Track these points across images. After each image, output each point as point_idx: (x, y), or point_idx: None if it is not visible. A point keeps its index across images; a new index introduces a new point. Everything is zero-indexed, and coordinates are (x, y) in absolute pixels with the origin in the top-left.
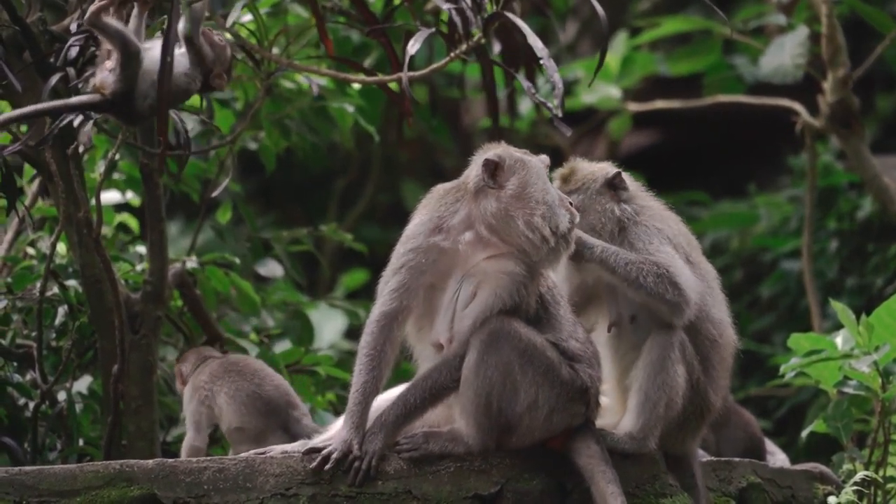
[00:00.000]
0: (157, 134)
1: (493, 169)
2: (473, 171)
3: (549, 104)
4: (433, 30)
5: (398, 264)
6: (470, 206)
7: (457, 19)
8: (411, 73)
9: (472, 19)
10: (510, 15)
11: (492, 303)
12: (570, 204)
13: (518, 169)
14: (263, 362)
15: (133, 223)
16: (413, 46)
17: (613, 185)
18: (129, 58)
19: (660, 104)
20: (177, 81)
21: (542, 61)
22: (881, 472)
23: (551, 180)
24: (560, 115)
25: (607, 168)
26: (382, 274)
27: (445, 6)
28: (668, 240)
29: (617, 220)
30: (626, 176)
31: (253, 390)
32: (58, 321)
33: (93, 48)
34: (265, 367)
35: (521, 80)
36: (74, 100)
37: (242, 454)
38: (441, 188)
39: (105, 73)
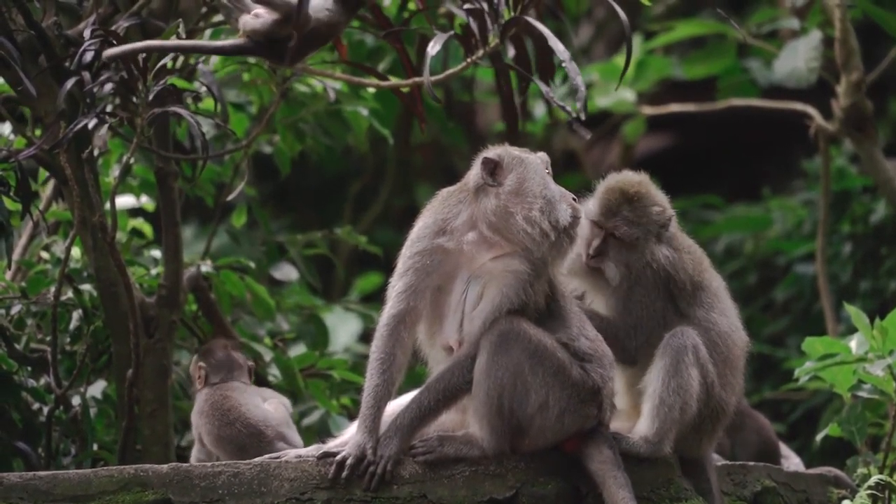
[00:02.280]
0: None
1: (493, 167)
2: (474, 171)
3: (569, 108)
4: (452, 32)
5: (404, 268)
6: (472, 207)
7: (474, 25)
8: (429, 78)
9: (489, 24)
10: (531, 20)
11: (499, 302)
12: (574, 200)
13: (516, 166)
14: (246, 393)
15: (147, 229)
16: (433, 48)
17: (664, 227)
18: None
19: (674, 108)
20: (318, 17)
21: (563, 64)
22: (895, 476)
23: (577, 189)
24: (583, 118)
25: (667, 210)
26: (391, 279)
27: (463, 11)
28: (668, 289)
29: (648, 263)
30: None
31: (217, 433)
32: (72, 325)
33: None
34: (238, 401)
35: (540, 84)
36: (228, 43)
37: (257, 458)
38: (445, 191)
39: (253, 19)
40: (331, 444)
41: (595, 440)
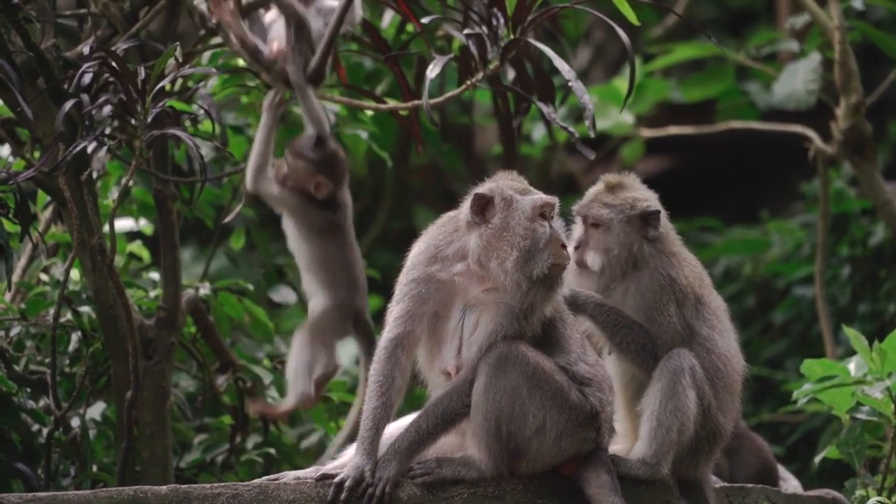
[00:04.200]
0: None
1: (484, 204)
2: (466, 205)
3: (572, 129)
4: (451, 56)
5: (401, 294)
6: (464, 238)
7: (474, 48)
8: (429, 101)
9: (489, 47)
10: (533, 41)
11: (493, 330)
12: (563, 246)
13: (504, 208)
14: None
15: (145, 253)
16: (432, 71)
17: (646, 221)
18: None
19: (673, 130)
20: None
21: (570, 84)
22: (894, 498)
23: (568, 219)
24: (593, 135)
25: (650, 201)
26: (390, 303)
27: (462, 35)
28: (675, 294)
29: (633, 256)
30: (663, 216)
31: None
32: (71, 347)
33: (106, 74)
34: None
35: (542, 106)
36: None
37: (256, 480)
38: (445, 216)
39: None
40: (329, 466)
41: (593, 464)
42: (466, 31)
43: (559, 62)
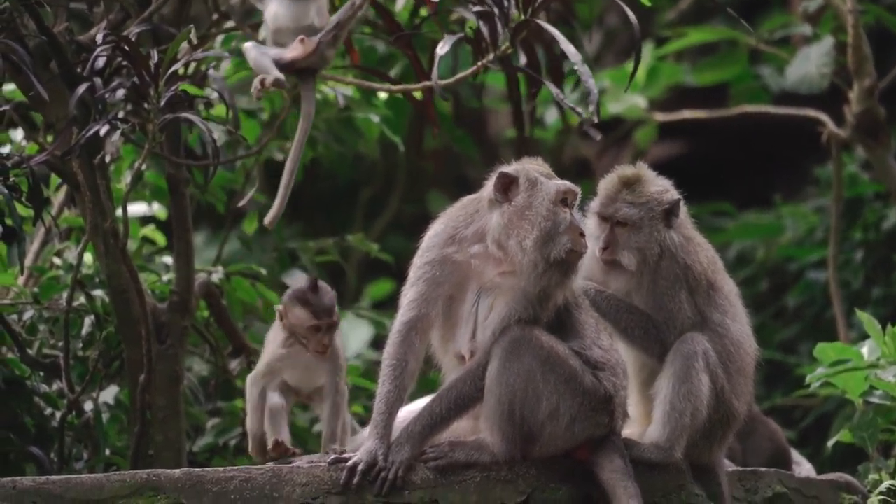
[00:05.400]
0: None
1: (508, 183)
2: (489, 183)
3: (580, 111)
4: (462, 35)
5: (415, 276)
6: (484, 218)
7: (484, 28)
8: (439, 81)
9: (500, 28)
10: (542, 23)
11: (507, 314)
12: (582, 235)
13: (528, 188)
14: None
15: (158, 237)
16: (442, 48)
17: (670, 212)
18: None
19: (686, 114)
20: None
21: (575, 67)
22: None
23: (582, 208)
24: (596, 120)
25: (671, 192)
26: (403, 286)
27: (472, 14)
28: (688, 282)
29: (662, 247)
30: (681, 202)
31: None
32: (84, 331)
33: (119, 58)
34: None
35: (552, 87)
36: None
37: (269, 464)
38: (466, 198)
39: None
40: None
41: (606, 449)
42: (476, 8)
43: (566, 45)
